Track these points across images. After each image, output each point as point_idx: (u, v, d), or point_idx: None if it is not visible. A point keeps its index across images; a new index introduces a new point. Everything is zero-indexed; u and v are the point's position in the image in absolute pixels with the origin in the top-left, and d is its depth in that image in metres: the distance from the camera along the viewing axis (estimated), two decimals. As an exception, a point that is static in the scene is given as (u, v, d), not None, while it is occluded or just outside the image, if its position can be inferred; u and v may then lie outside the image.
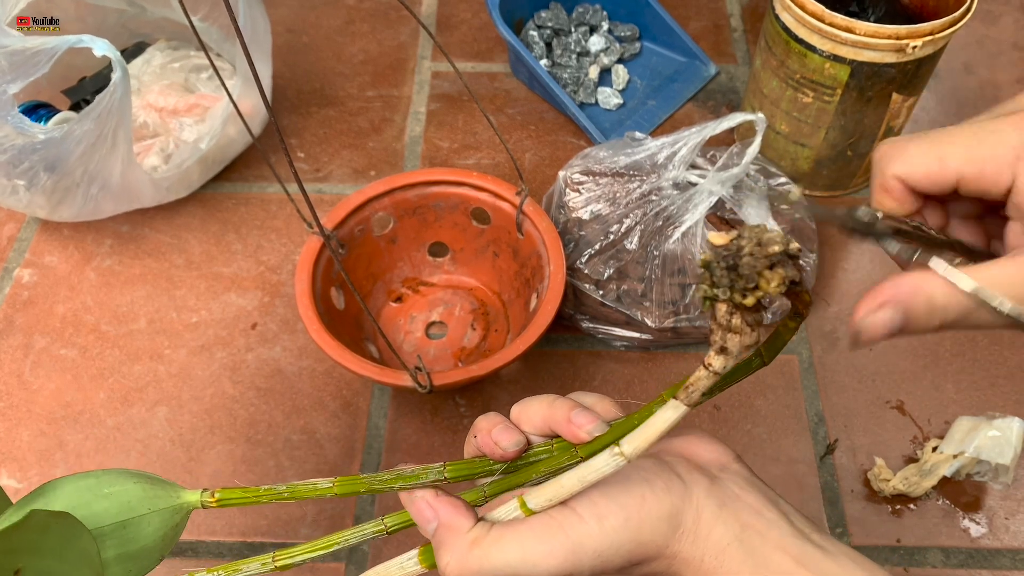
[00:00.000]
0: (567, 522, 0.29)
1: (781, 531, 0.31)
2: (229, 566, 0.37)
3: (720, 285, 0.25)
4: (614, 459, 0.29)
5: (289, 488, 0.37)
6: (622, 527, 0.29)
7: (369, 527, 0.36)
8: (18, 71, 0.58)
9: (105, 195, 0.67)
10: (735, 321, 0.25)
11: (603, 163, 0.66)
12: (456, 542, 0.30)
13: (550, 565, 0.29)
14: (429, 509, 0.32)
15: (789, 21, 0.66)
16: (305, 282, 0.60)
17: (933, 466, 0.59)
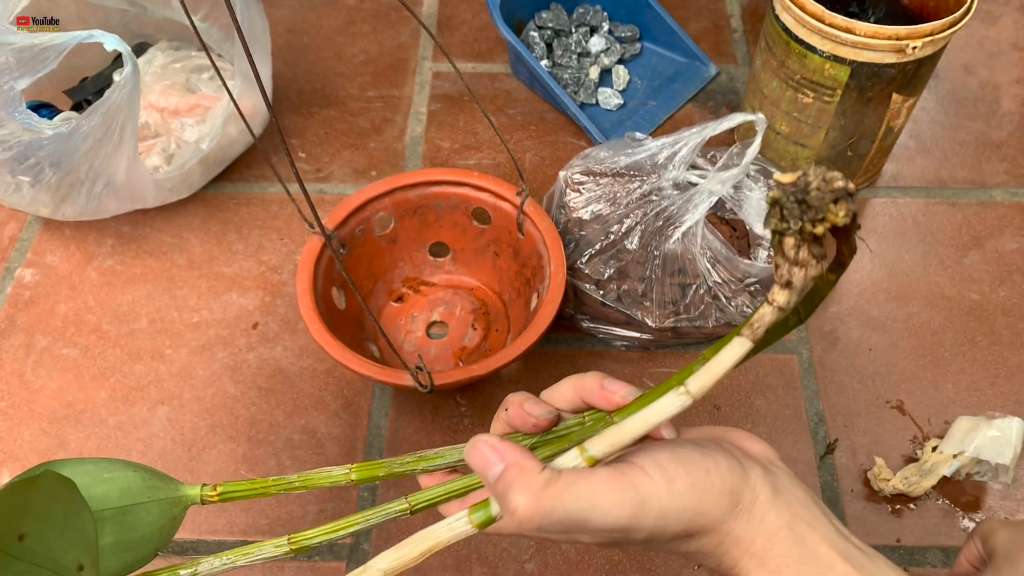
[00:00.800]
0: (636, 478, 0.30)
1: (827, 527, 0.31)
2: (240, 550, 0.36)
3: (791, 217, 0.26)
4: (680, 398, 0.29)
5: (301, 477, 0.36)
6: (688, 491, 0.30)
7: (393, 506, 0.35)
8: (26, 67, 0.58)
9: (109, 193, 0.67)
10: (802, 254, 0.27)
11: (603, 163, 0.66)
12: (529, 481, 0.29)
13: (618, 516, 0.29)
14: (494, 452, 0.30)
15: (789, 22, 0.66)
16: (306, 282, 0.60)
17: (933, 466, 0.59)
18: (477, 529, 0.31)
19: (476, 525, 0.31)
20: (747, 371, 0.66)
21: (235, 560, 0.35)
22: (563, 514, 0.29)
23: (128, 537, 0.34)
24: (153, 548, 0.36)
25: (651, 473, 0.30)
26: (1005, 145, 0.81)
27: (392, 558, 0.31)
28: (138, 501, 0.34)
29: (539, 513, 0.29)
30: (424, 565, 0.57)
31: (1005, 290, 0.71)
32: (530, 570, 0.57)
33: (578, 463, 0.31)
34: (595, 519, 0.29)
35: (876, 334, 0.68)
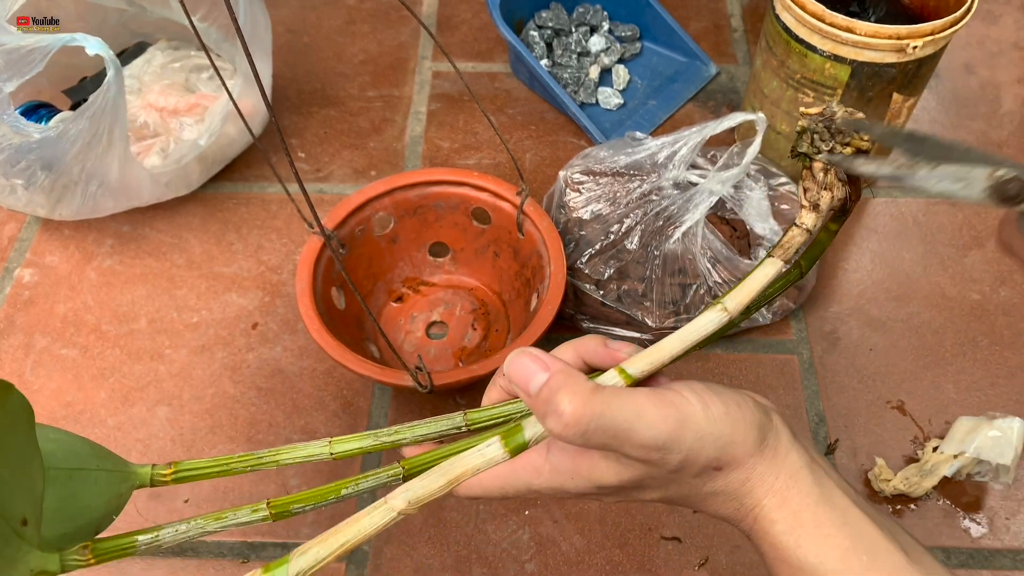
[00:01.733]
0: (676, 399, 0.30)
1: (837, 475, 0.33)
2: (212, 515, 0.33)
3: (821, 141, 0.29)
4: (718, 315, 0.30)
5: (271, 453, 0.32)
6: (722, 418, 0.30)
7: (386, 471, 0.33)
8: (13, 69, 0.58)
9: (104, 192, 0.67)
10: (830, 177, 0.30)
11: (603, 163, 0.66)
12: (578, 385, 0.29)
13: (661, 430, 0.29)
14: (537, 362, 0.30)
15: (789, 21, 0.66)
16: (306, 282, 0.60)
17: (934, 466, 0.59)
18: (510, 455, 0.31)
19: (509, 450, 0.31)
20: (747, 371, 0.66)
21: (205, 525, 0.32)
22: (610, 420, 0.29)
23: (71, 505, 0.31)
24: (96, 522, 0.33)
25: (688, 397, 0.30)
26: (1006, 145, 0.81)
27: (419, 486, 0.30)
28: (85, 467, 0.32)
29: (587, 416, 0.29)
30: (423, 564, 0.57)
31: (1006, 290, 0.71)
32: (530, 570, 0.57)
33: (617, 382, 0.31)
34: (640, 430, 0.29)
35: (877, 334, 0.68)
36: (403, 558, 0.57)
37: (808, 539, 0.31)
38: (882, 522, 0.32)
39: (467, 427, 0.34)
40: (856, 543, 0.30)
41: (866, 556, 0.30)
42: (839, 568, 0.30)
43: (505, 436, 0.31)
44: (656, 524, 0.59)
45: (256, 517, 0.32)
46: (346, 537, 0.30)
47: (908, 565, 0.30)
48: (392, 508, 0.30)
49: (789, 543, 0.31)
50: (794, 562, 0.31)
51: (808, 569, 0.30)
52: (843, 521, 0.31)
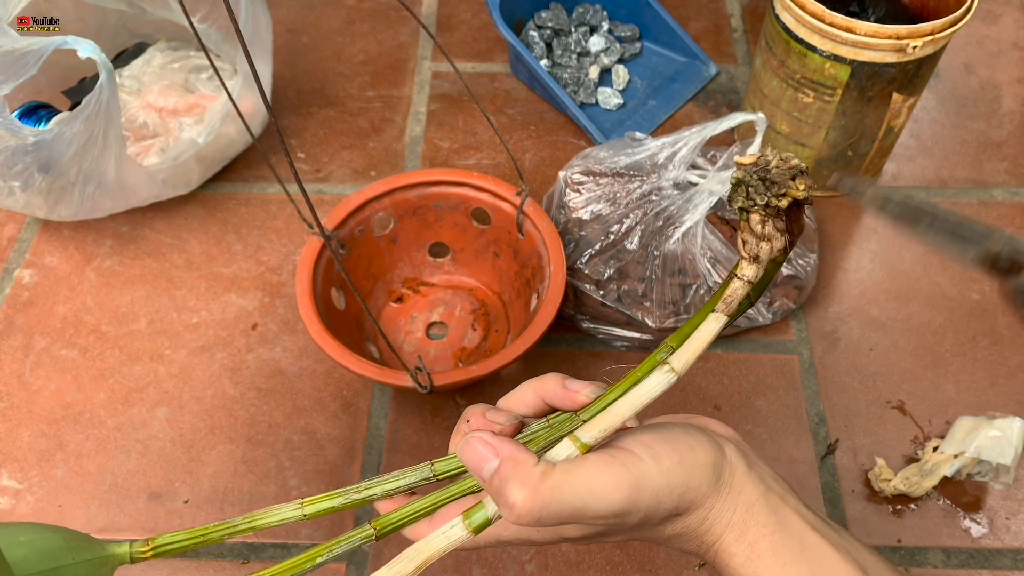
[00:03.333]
0: (628, 460, 0.30)
1: (795, 500, 0.33)
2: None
3: (756, 194, 0.28)
4: (665, 376, 0.30)
5: (246, 519, 0.33)
6: (676, 468, 0.30)
7: (357, 533, 0.33)
8: (7, 72, 0.58)
9: (102, 193, 0.67)
10: (768, 228, 0.29)
11: (603, 163, 0.66)
12: (526, 475, 0.29)
13: (615, 499, 0.29)
14: (487, 447, 0.30)
15: (789, 21, 0.66)
16: (305, 282, 0.60)
17: (934, 466, 0.59)
18: (473, 534, 0.31)
19: (472, 530, 0.31)
20: (747, 372, 0.66)
21: None
22: (561, 504, 0.29)
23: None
24: None
25: (640, 454, 0.30)
26: (1006, 144, 0.81)
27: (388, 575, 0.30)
28: (61, 564, 0.31)
29: (537, 505, 0.29)
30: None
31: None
32: (530, 571, 0.56)
33: (571, 452, 0.31)
34: (593, 506, 0.29)
35: (877, 334, 0.68)
36: (403, 559, 0.57)
37: (766, 569, 0.31)
38: (839, 543, 0.32)
39: (435, 477, 0.34)
40: (813, 568, 0.31)
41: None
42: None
43: (467, 515, 0.31)
44: (656, 524, 0.59)
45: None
46: None
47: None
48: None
49: (748, 574, 0.32)
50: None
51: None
52: (800, 547, 0.31)
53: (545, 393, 0.34)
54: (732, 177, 0.29)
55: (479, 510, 0.31)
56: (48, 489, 0.60)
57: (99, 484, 0.60)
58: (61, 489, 0.60)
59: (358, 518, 0.59)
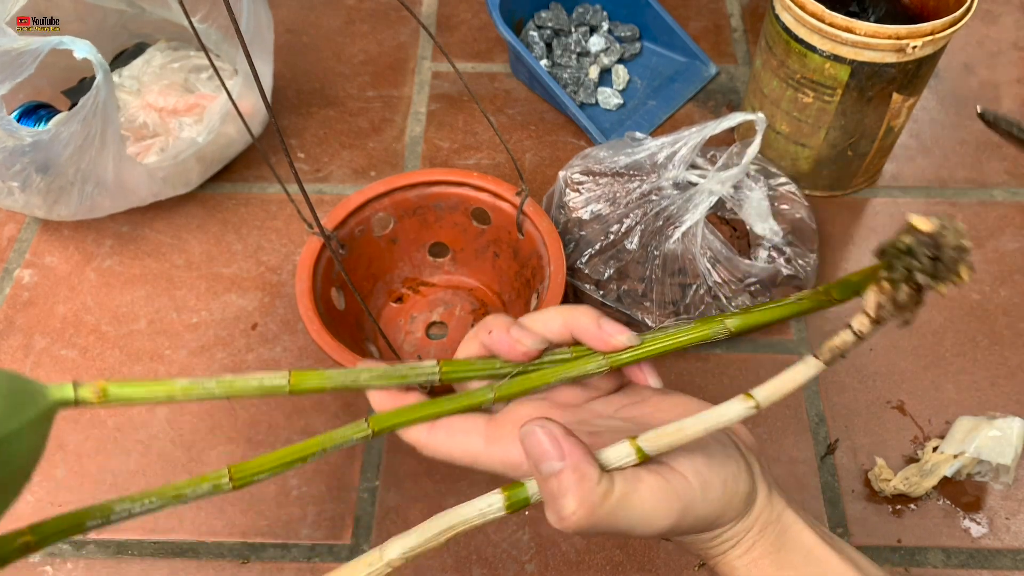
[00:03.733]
0: (681, 487, 0.29)
1: (807, 517, 0.33)
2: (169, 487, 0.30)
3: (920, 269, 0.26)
4: (745, 408, 0.29)
5: (221, 384, 0.30)
6: (719, 499, 0.30)
7: (351, 429, 0.32)
8: (4, 72, 0.58)
9: (101, 193, 0.67)
10: (910, 303, 0.27)
11: (603, 163, 0.66)
12: (588, 492, 0.28)
13: (663, 524, 0.29)
14: (555, 445, 0.28)
15: (789, 21, 0.66)
16: (305, 282, 0.60)
17: (934, 466, 0.59)
18: (508, 511, 0.29)
19: (508, 507, 0.29)
20: (747, 372, 0.66)
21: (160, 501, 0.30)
22: (611, 526, 0.29)
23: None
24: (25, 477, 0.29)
25: (692, 481, 0.30)
26: (1005, 144, 0.81)
27: (414, 541, 0.29)
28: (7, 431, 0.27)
29: (589, 524, 0.28)
30: (423, 565, 0.57)
31: (1006, 290, 0.71)
32: (530, 571, 0.56)
33: (629, 459, 0.29)
34: (641, 529, 0.29)
35: (877, 334, 0.68)
36: (403, 559, 0.57)
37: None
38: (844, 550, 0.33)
39: (440, 380, 0.33)
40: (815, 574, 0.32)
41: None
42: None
43: (508, 493, 0.29)
44: (656, 524, 0.59)
45: (221, 487, 0.30)
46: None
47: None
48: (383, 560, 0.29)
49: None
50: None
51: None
52: (805, 561, 0.32)
53: (575, 327, 0.33)
54: (901, 241, 0.26)
55: (518, 489, 0.30)
56: (47, 489, 0.60)
57: (99, 484, 0.60)
58: (60, 489, 0.60)
59: (358, 518, 0.59)
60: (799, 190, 0.69)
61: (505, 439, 0.33)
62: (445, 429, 0.33)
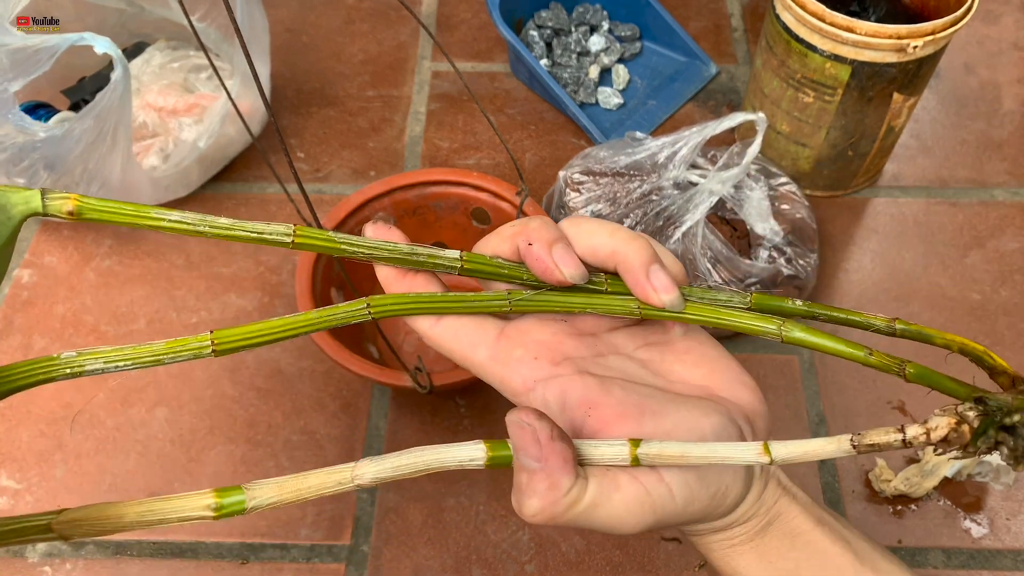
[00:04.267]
0: (659, 501, 0.28)
1: (803, 500, 0.32)
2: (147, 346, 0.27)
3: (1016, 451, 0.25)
4: (757, 456, 0.28)
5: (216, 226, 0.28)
6: (700, 511, 0.29)
7: (351, 307, 0.30)
8: (19, 69, 0.57)
9: (105, 194, 0.66)
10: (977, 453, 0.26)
11: (603, 163, 0.66)
12: (552, 500, 0.27)
13: (632, 530, 0.28)
14: (537, 448, 0.27)
15: (790, 21, 0.66)
16: (305, 282, 0.60)
17: (934, 467, 0.59)
18: (487, 466, 0.28)
19: (488, 464, 0.28)
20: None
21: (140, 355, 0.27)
22: (575, 525, 0.28)
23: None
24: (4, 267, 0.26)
25: (675, 494, 0.28)
26: (1006, 144, 0.81)
27: (387, 470, 0.28)
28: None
29: (547, 523, 0.28)
30: (423, 565, 0.57)
31: (1006, 290, 0.71)
32: (530, 571, 0.56)
33: (622, 457, 0.28)
34: (609, 530, 0.29)
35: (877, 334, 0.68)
36: (403, 559, 0.57)
37: (745, 565, 0.32)
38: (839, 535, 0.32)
39: (461, 271, 0.31)
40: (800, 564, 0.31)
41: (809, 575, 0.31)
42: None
43: (492, 449, 0.28)
44: (656, 525, 0.58)
45: (201, 350, 0.27)
46: (301, 489, 0.28)
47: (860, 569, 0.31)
48: (354, 478, 0.28)
49: (725, 569, 0.32)
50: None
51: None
52: (791, 547, 0.31)
53: (623, 262, 0.30)
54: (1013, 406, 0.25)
55: (505, 451, 0.28)
56: (47, 489, 0.60)
57: (98, 484, 0.60)
58: (60, 489, 0.60)
59: (357, 519, 0.59)
60: (799, 190, 0.69)
61: (512, 363, 0.31)
62: (453, 328, 0.31)
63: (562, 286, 0.30)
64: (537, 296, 0.31)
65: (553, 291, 0.31)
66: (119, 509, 0.25)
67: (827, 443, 0.27)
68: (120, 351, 0.27)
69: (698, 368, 0.32)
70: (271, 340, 0.29)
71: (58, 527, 0.25)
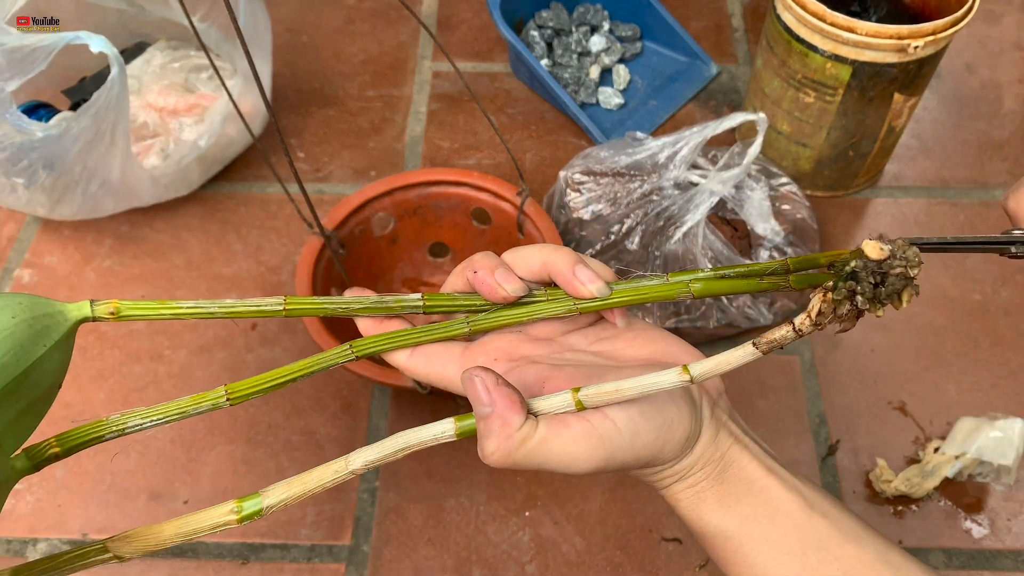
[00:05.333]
0: (607, 435, 0.31)
1: (755, 451, 0.35)
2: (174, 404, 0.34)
3: (862, 292, 0.28)
4: (681, 380, 0.31)
5: (224, 307, 0.33)
6: (650, 444, 0.32)
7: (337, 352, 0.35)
8: (16, 68, 0.57)
9: (105, 192, 0.66)
10: (848, 315, 0.29)
11: (604, 163, 0.66)
12: (505, 436, 0.31)
13: (585, 467, 0.31)
14: (486, 394, 0.32)
15: (790, 21, 0.66)
16: (305, 282, 0.60)
17: (935, 467, 0.59)
18: (457, 437, 0.33)
19: (458, 434, 0.33)
20: (748, 372, 0.66)
21: (167, 414, 0.34)
22: (532, 465, 0.31)
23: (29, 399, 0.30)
24: (52, 395, 0.32)
25: (621, 428, 0.31)
26: (1007, 145, 0.81)
27: (375, 455, 0.32)
28: (33, 358, 0.30)
29: (508, 463, 0.31)
30: (423, 566, 0.57)
31: (1007, 291, 0.71)
32: (530, 572, 0.56)
33: (568, 407, 0.32)
34: (563, 468, 0.31)
35: (878, 335, 0.68)
36: (403, 559, 0.57)
37: (709, 512, 0.34)
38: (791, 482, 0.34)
39: (424, 311, 0.36)
40: (756, 510, 0.34)
41: (765, 520, 0.33)
42: (739, 532, 0.34)
43: (459, 420, 0.33)
44: (656, 525, 0.58)
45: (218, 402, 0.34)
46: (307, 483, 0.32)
47: (808, 520, 0.33)
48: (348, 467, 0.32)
49: (692, 517, 0.35)
50: (698, 528, 0.35)
51: (713, 532, 0.34)
52: (747, 493, 0.34)
53: (552, 269, 0.35)
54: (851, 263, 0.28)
55: (468, 419, 0.33)
56: (48, 489, 0.60)
57: (99, 484, 0.60)
58: (61, 489, 0.60)
59: (358, 519, 0.59)
60: (800, 190, 0.69)
61: None
62: (425, 355, 0.36)
63: (508, 302, 0.35)
64: (490, 315, 0.36)
65: (503, 309, 0.36)
66: (160, 528, 0.31)
67: (734, 352, 0.32)
68: (153, 410, 0.33)
69: (645, 348, 0.36)
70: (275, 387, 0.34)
71: (112, 547, 0.30)
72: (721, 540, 0.34)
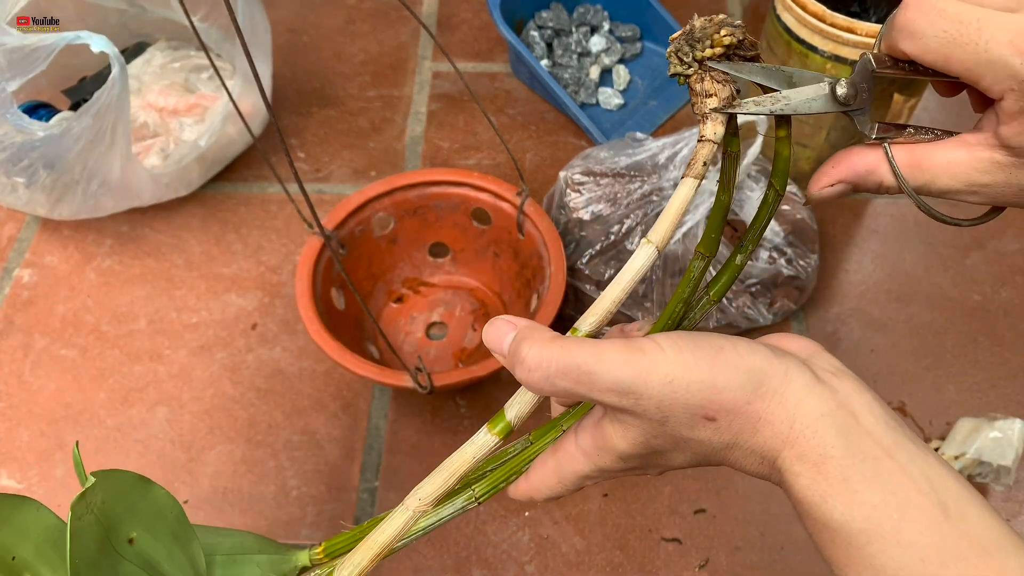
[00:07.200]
0: (646, 345, 0.29)
1: (875, 417, 0.30)
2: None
3: (685, 55, 0.30)
4: (645, 250, 0.31)
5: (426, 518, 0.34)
6: (694, 363, 0.29)
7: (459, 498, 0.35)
8: (16, 68, 0.57)
9: (105, 192, 0.66)
10: (706, 84, 0.30)
11: (604, 163, 0.66)
12: (538, 336, 0.30)
13: (624, 374, 0.29)
14: (508, 324, 0.32)
15: (790, 22, 0.66)
16: (305, 282, 0.60)
17: (935, 467, 0.59)
18: (499, 437, 0.32)
19: (496, 433, 0.32)
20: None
21: None
22: (570, 362, 0.29)
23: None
24: None
25: (662, 343, 0.29)
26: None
27: (429, 488, 0.32)
28: (247, 551, 0.34)
29: (546, 359, 0.29)
30: (423, 565, 0.57)
31: (1007, 291, 0.71)
32: (530, 572, 0.56)
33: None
34: (601, 372, 0.29)
35: (878, 335, 0.68)
36: (403, 559, 0.57)
37: (834, 494, 0.28)
38: (919, 473, 0.28)
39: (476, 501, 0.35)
40: (886, 499, 0.28)
41: (896, 514, 0.27)
42: (866, 527, 0.27)
43: (491, 424, 0.32)
44: (656, 525, 0.58)
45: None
46: (378, 543, 0.32)
47: (944, 522, 0.27)
48: (407, 508, 0.32)
49: (814, 498, 0.28)
50: (819, 518, 0.28)
51: (833, 527, 0.28)
52: (874, 475, 0.28)
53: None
54: (667, 53, 0.31)
55: (499, 418, 0.32)
56: (48, 489, 0.60)
57: (98, 484, 0.60)
58: (61, 489, 0.60)
59: (358, 519, 0.59)
60: (800, 191, 0.69)
61: None
62: None
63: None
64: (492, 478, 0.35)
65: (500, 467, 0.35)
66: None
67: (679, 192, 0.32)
68: None
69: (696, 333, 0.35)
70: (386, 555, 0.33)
71: None
72: (844, 536, 0.28)
